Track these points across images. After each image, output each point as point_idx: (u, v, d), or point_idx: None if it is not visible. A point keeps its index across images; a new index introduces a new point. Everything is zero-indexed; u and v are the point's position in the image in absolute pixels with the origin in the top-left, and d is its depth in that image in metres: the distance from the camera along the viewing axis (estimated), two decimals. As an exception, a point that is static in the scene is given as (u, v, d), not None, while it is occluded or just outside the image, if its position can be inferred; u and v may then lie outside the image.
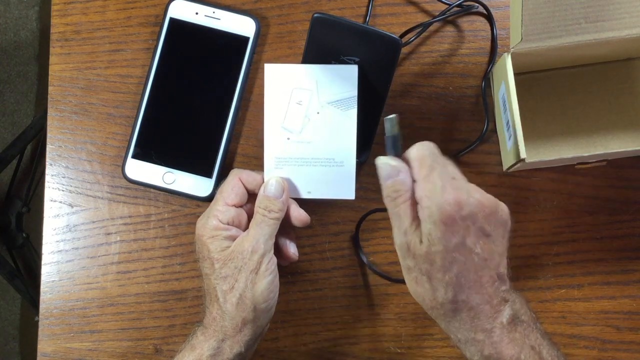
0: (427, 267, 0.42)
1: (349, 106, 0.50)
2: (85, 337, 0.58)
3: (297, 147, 0.51)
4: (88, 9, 0.61)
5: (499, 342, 0.42)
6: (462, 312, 0.42)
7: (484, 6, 0.59)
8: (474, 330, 0.42)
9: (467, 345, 0.43)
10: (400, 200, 0.43)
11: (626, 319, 0.57)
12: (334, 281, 0.58)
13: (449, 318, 0.43)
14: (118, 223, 0.59)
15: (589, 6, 0.48)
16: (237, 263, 0.47)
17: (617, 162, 0.56)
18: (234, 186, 0.50)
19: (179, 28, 0.59)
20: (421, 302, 0.44)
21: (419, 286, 0.43)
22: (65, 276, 0.58)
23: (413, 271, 0.43)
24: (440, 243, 0.41)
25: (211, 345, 0.47)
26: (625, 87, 0.57)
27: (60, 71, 0.60)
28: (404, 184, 0.43)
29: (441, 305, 0.42)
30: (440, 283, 0.41)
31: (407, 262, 0.43)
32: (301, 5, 0.60)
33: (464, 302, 0.42)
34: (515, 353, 0.42)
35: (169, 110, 0.59)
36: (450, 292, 0.41)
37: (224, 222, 0.48)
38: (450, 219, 0.41)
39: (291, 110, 0.50)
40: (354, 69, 0.50)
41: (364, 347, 0.57)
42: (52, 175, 0.60)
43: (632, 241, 0.57)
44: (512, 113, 0.50)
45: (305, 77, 0.50)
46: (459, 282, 0.41)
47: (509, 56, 0.50)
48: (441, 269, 0.41)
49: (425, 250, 0.41)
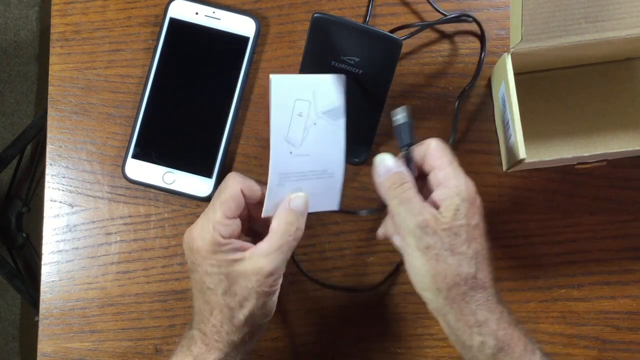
0: (451, 241, 0.42)
1: (337, 116, 0.49)
2: (85, 337, 0.58)
3: (297, 161, 0.49)
4: (88, 9, 0.61)
5: (509, 324, 0.43)
6: (479, 291, 0.43)
7: (478, 24, 0.58)
8: (490, 311, 0.43)
9: (482, 327, 0.43)
10: (407, 186, 0.44)
11: (626, 319, 0.57)
12: (334, 281, 0.58)
13: (468, 297, 0.43)
14: (118, 223, 0.59)
15: (589, 6, 0.48)
16: (250, 283, 0.44)
17: (617, 162, 0.56)
18: (236, 198, 0.46)
19: (179, 28, 0.59)
20: (439, 282, 0.43)
21: (440, 263, 0.42)
22: (65, 276, 0.58)
23: (433, 249, 0.42)
24: (466, 217, 0.43)
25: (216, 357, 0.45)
26: (625, 87, 0.57)
27: (60, 71, 0.60)
28: (405, 175, 0.45)
29: (464, 281, 0.42)
30: (464, 257, 0.42)
31: (427, 240, 0.42)
32: (301, 5, 0.60)
33: (482, 280, 0.43)
34: (522, 336, 0.43)
35: (169, 110, 0.59)
36: (473, 267, 0.43)
37: (225, 236, 0.45)
38: (473, 200, 0.44)
39: (294, 122, 0.49)
40: (342, 78, 0.49)
41: (364, 347, 0.57)
42: (52, 175, 0.60)
43: (632, 241, 0.57)
44: (512, 113, 0.50)
45: (304, 88, 0.49)
46: (479, 259, 0.43)
47: (509, 56, 0.50)
48: (466, 242, 0.43)
49: (450, 224, 0.42)
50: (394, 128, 0.47)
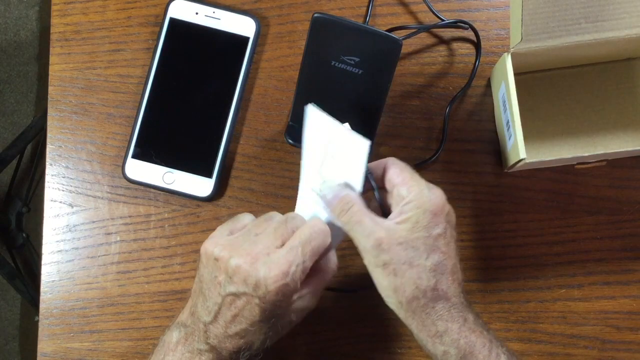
0: (408, 254, 0.43)
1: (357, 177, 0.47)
2: (85, 337, 0.58)
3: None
4: (88, 9, 0.61)
5: (473, 332, 0.43)
6: (440, 302, 0.43)
7: (475, 31, 0.58)
8: (452, 320, 0.43)
9: (442, 338, 0.43)
10: (355, 208, 0.44)
11: (626, 319, 0.57)
12: (334, 281, 0.58)
13: (428, 309, 0.43)
14: (118, 223, 0.59)
15: (589, 6, 0.48)
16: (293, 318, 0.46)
17: (617, 162, 0.56)
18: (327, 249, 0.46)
19: (179, 28, 0.59)
20: (400, 296, 0.43)
21: (398, 277, 0.43)
22: (65, 276, 0.58)
23: (391, 264, 0.43)
24: (426, 229, 0.43)
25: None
26: (625, 87, 0.57)
27: (60, 71, 0.60)
28: (351, 197, 0.45)
29: (423, 294, 0.43)
30: (423, 269, 0.43)
31: (383, 257, 0.43)
32: (301, 5, 0.60)
33: (443, 291, 0.43)
34: (487, 341, 0.44)
35: (169, 110, 0.59)
36: (432, 279, 0.43)
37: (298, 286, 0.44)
38: (437, 210, 0.44)
39: (327, 160, 0.48)
40: (366, 144, 0.46)
41: (364, 347, 0.57)
42: (52, 175, 0.60)
43: (632, 241, 0.57)
44: (512, 113, 0.50)
45: (337, 135, 0.47)
46: (440, 270, 0.43)
47: (509, 56, 0.50)
48: (424, 254, 0.43)
49: (405, 237, 0.43)
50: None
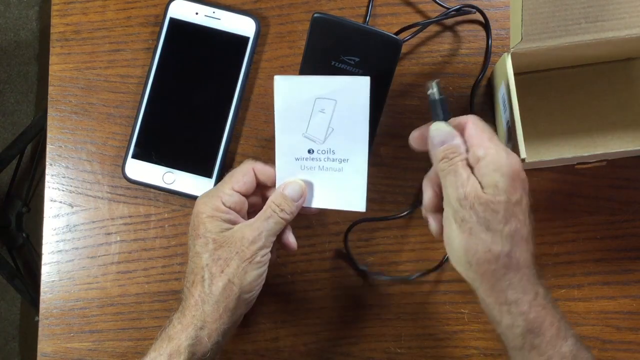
0: (487, 216, 0.42)
1: (362, 116, 0.49)
2: (85, 337, 0.58)
3: (317, 156, 0.50)
4: (88, 9, 0.61)
5: (543, 307, 0.43)
6: (511, 270, 0.42)
7: (482, 14, 0.58)
8: (522, 291, 0.42)
9: (511, 307, 0.42)
10: (458, 159, 0.44)
11: (626, 319, 0.57)
12: (334, 281, 0.58)
13: (499, 275, 0.42)
14: (118, 223, 0.59)
15: (589, 6, 0.48)
16: (233, 248, 0.46)
17: (617, 162, 0.56)
18: (246, 174, 0.49)
19: (179, 28, 0.59)
20: (470, 257, 0.43)
21: (472, 237, 0.42)
22: (65, 276, 0.58)
23: (468, 222, 0.42)
24: (505, 194, 0.42)
25: (189, 334, 0.46)
26: (625, 87, 0.57)
27: (60, 71, 0.60)
28: (459, 147, 0.44)
29: (496, 259, 0.42)
30: (499, 234, 0.42)
31: (463, 214, 0.42)
32: (301, 5, 0.60)
33: (516, 260, 0.42)
34: (556, 321, 0.43)
35: (169, 110, 0.59)
36: (507, 245, 0.42)
37: (227, 205, 0.48)
38: (515, 175, 0.42)
39: (315, 119, 0.49)
40: (366, 80, 0.48)
41: (364, 347, 0.57)
42: (52, 175, 0.60)
43: (632, 241, 0.57)
44: (512, 113, 0.50)
45: (327, 88, 0.49)
46: (515, 238, 0.42)
47: (509, 56, 0.50)
48: (502, 220, 0.42)
49: (488, 199, 0.42)
50: (430, 102, 0.46)
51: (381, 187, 0.58)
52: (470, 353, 0.57)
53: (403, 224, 0.58)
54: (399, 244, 0.58)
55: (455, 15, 0.58)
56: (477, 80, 0.58)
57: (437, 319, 0.57)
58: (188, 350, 0.45)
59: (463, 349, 0.57)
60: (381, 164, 0.58)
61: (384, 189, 0.58)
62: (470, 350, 0.57)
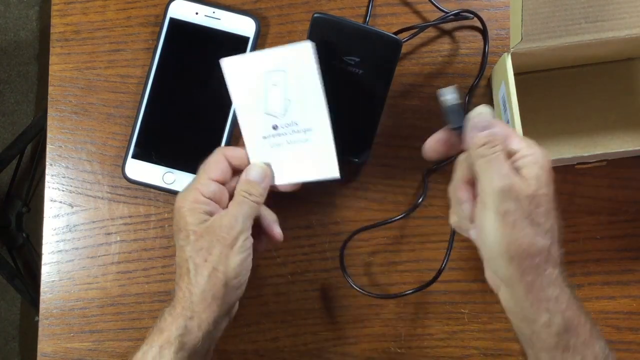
0: (531, 210, 0.41)
1: (314, 80, 0.48)
2: (85, 337, 0.58)
3: (282, 131, 0.50)
4: (88, 9, 0.61)
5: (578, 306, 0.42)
6: (550, 265, 0.42)
7: (480, 19, 0.58)
8: (561, 288, 0.42)
9: (550, 304, 0.41)
10: (500, 147, 0.42)
11: (626, 319, 0.57)
12: (334, 281, 0.58)
13: (540, 270, 0.41)
14: (118, 223, 0.59)
15: (589, 6, 0.48)
16: (213, 237, 0.46)
17: (617, 162, 0.56)
18: (218, 161, 0.49)
19: (179, 28, 0.59)
20: (512, 250, 0.41)
21: (516, 230, 0.41)
22: (65, 276, 0.58)
23: (512, 215, 0.41)
24: (547, 187, 0.41)
25: (179, 324, 0.45)
26: (625, 87, 0.57)
27: (60, 71, 0.60)
28: (500, 135, 0.43)
29: (539, 253, 0.41)
30: (541, 228, 0.41)
31: (507, 205, 0.41)
32: (301, 5, 0.60)
33: (553, 256, 0.42)
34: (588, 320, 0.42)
35: (169, 110, 0.59)
36: (548, 240, 0.41)
37: (205, 196, 0.48)
38: (549, 168, 0.42)
39: (271, 94, 0.49)
40: (308, 44, 0.48)
41: (364, 347, 0.57)
42: (52, 175, 0.60)
43: (632, 241, 0.57)
44: (512, 113, 0.50)
45: (273, 60, 0.49)
46: (554, 233, 0.42)
47: (509, 56, 0.50)
48: (544, 214, 0.41)
49: (533, 191, 0.41)
50: (443, 108, 0.44)
51: (381, 187, 0.58)
52: (470, 353, 0.57)
53: (403, 224, 0.58)
54: (399, 244, 0.58)
55: (453, 20, 0.58)
56: (473, 84, 0.58)
57: (437, 319, 0.57)
58: (178, 341, 0.45)
59: (463, 349, 0.57)
60: (381, 164, 0.58)
61: (384, 189, 0.58)
62: (470, 350, 0.57)
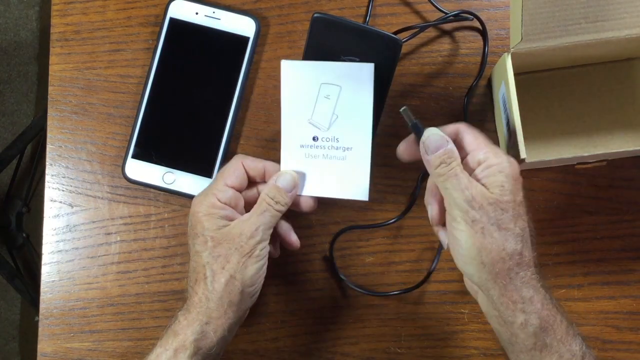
0: (497, 216, 0.43)
1: (366, 103, 0.50)
2: (85, 337, 0.58)
3: (321, 144, 0.50)
4: (88, 9, 0.61)
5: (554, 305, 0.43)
6: (524, 268, 0.43)
7: (480, 21, 0.58)
8: (535, 289, 0.43)
9: (525, 305, 0.43)
10: (455, 163, 0.44)
11: (626, 319, 0.57)
12: (334, 281, 0.58)
13: (512, 274, 0.43)
14: (118, 223, 0.59)
15: (589, 6, 0.48)
16: (232, 245, 0.47)
17: (617, 162, 0.56)
18: (236, 169, 0.50)
19: (179, 28, 0.59)
20: (484, 257, 0.43)
21: (486, 237, 0.43)
22: (65, 276, 0.58)
23: (480, 222, 0.43)
24: (511, 194, 0.43)
25: (195, 329, 0.46)
26: (625, 87, 0.57)
27: (60, 71, 0.60)
28: (454, 151, 0.45)
29: (510, 257, 0.43)
30: (510, 233, 0.43)
31: (473, 214, 0.43)
32: (301, 5, 0.60)
33: (527, 258, 0.43)
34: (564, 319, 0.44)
35: (169, 110, 0.59)
36: (519, 244, 0.43)
37: (222, 201, 0.48)
38: (516, 177, 0.44)
39: (319, 105, 0.49)
40: (370, 67, 0.49)
41: (364, 347, 0.57)
42: (52, 175, 0.60)
43: (632, 241, 0.57)
44: (512, 113, 0.50)
45: (332, 73, 0.50)
46: (524, 236, 0.43)
47: (509, 56, 0.50)
48: (512, 219, 0.43)
49: (497, 199, 0.43)
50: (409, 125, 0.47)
51: (381, 187, 0.58)
52: (470, 353, 0.57)
53: (402, 224, 0.58)
54: (398, 244, 0.58)
55: (453, 21, 0.58)
56: (473, 84, 0.58)
57: (437, 319, 0.57)
58: (194, 345, 0.46)
59: (463, 349, 0.57)
60: (381, 164, 0.58)
61: (384, 189, 0.58)
62: (470, 350, 0.57)
